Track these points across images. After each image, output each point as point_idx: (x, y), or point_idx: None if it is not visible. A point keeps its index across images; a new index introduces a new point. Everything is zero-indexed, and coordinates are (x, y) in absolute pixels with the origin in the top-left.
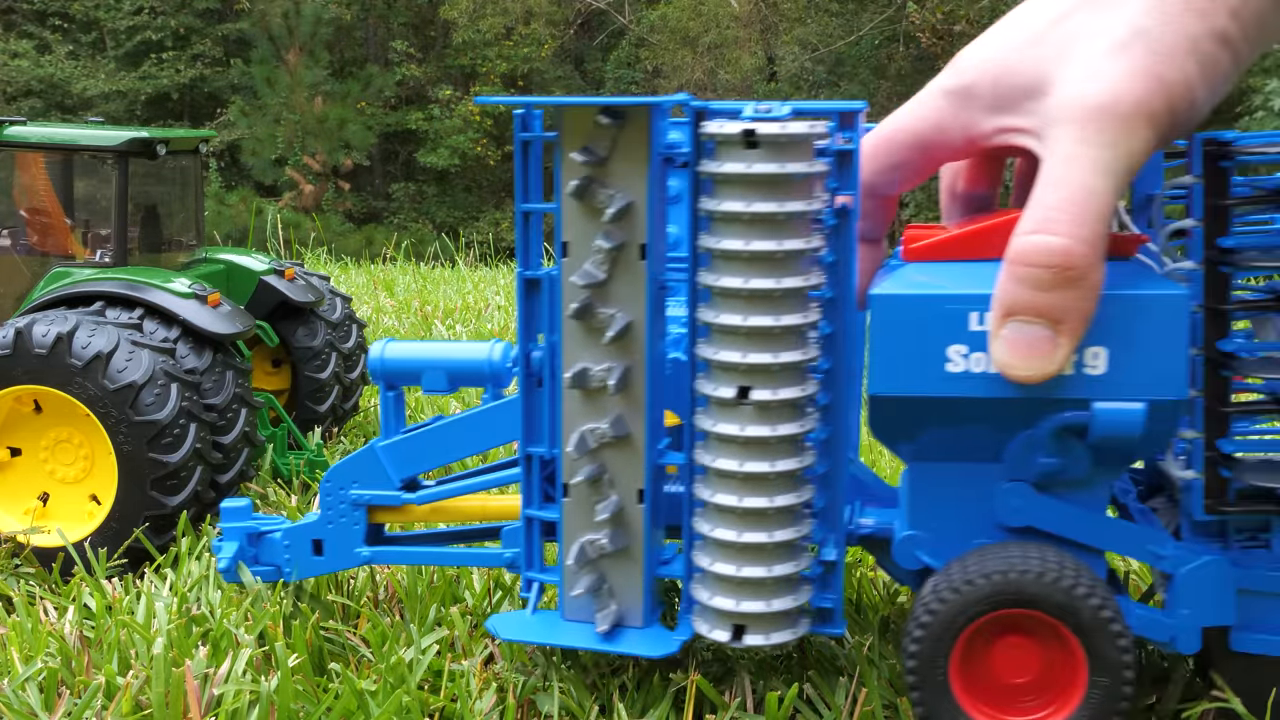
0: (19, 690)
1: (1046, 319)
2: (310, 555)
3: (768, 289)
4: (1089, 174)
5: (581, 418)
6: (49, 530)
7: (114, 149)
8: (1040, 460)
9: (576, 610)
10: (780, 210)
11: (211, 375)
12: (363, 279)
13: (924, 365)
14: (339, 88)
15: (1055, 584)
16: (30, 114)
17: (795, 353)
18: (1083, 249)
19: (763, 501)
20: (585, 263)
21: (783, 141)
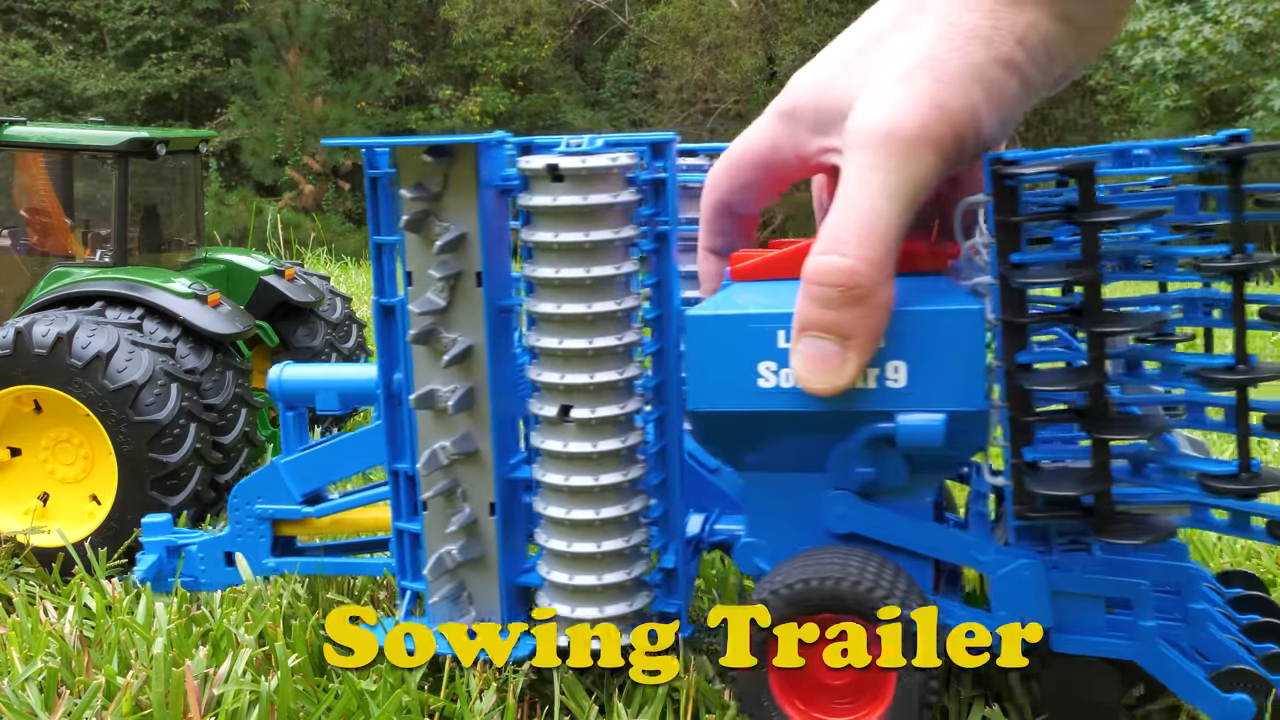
0: (19, 690)
1: (836, 335)
2: (223, 566)
3: (579, 313)
4: (874, 198)
5: (433, 436)
6: (49, 530)
7: (114, 149)
8: (858, 470)
9: (440, 616)
10: (586, 239)
11: (211, 375)
12: (363, 279)
13: (737, 381)
14: (339, 88)
15: (854, 587)
16: (30, 114)
17: (612, 372)
18: (868, 269)
19: (589, 514)
20: (426, 291)
21: (584, 174)
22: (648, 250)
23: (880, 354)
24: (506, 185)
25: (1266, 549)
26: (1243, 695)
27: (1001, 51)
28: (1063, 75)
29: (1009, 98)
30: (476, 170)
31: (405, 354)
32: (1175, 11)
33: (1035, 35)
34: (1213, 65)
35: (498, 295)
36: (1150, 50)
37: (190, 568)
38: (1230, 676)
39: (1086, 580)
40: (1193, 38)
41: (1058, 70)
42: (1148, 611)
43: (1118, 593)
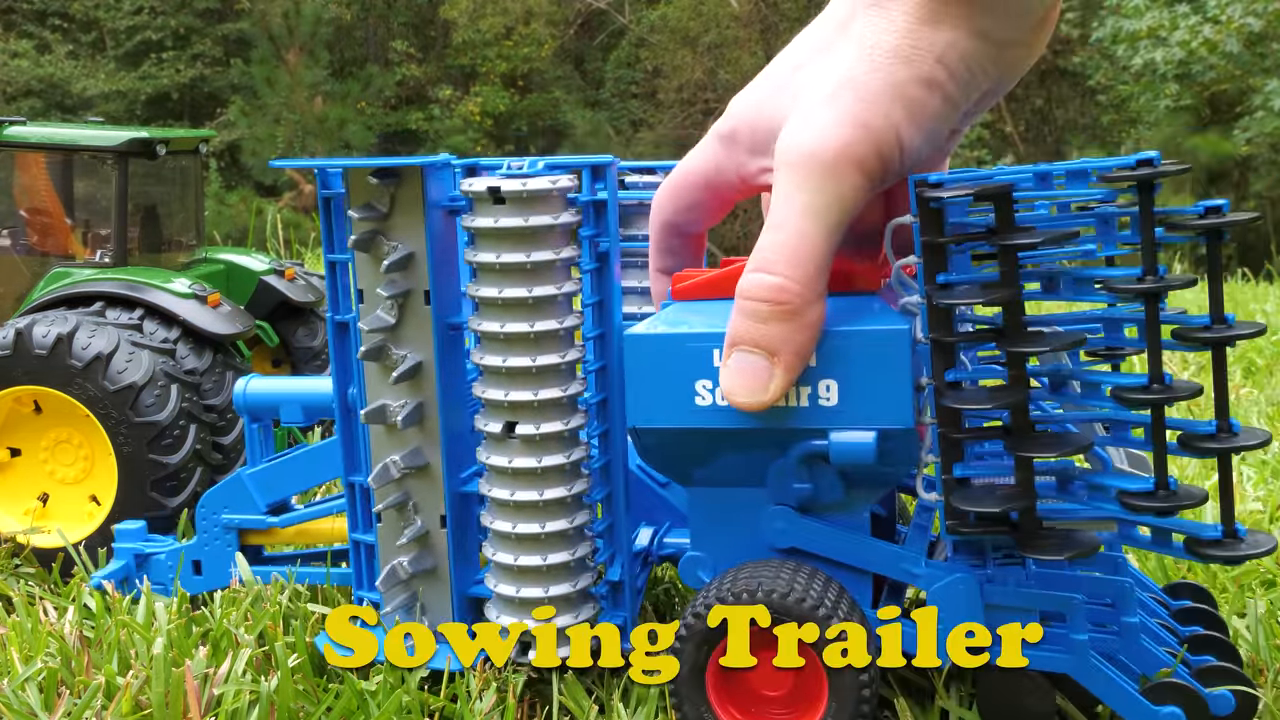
0: (19, 690)
1: (764, 350)
2: (192, 574)
3: (523, 332)
4: (800, 218)
5: (385, 449)
6: (49, 530)
7: (114, 149)
8: (795, 486)
9: (392, 625)
10: (528, 260)
11: (211, 376)
12: None
13: (674, 399)
14: (339, 88)
15: (786, 599)
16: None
17: (555, 389)
18: (796, 287)
19: (534, 527)
20: (376, 309)
21: (525, 196)
22: (589, 269)
23: (812, 373)
24: (454, 206)
25: None
26: (1174, 708)
27: (922, 70)
28: (989, 91)
29: (931, 115)
30: (423, 191)
31: (358, 369)
32: (1175, 11)
33: (954, 53)
34: (1213, 65)
35: (446, 313)
36: (1150, 50)
37: (159, 575)
38: (1161, 690)
39: (1020, 594)
40: (1193, 38)
41: (981, 86)
42: (1080, 625)
43: (1051, 606)
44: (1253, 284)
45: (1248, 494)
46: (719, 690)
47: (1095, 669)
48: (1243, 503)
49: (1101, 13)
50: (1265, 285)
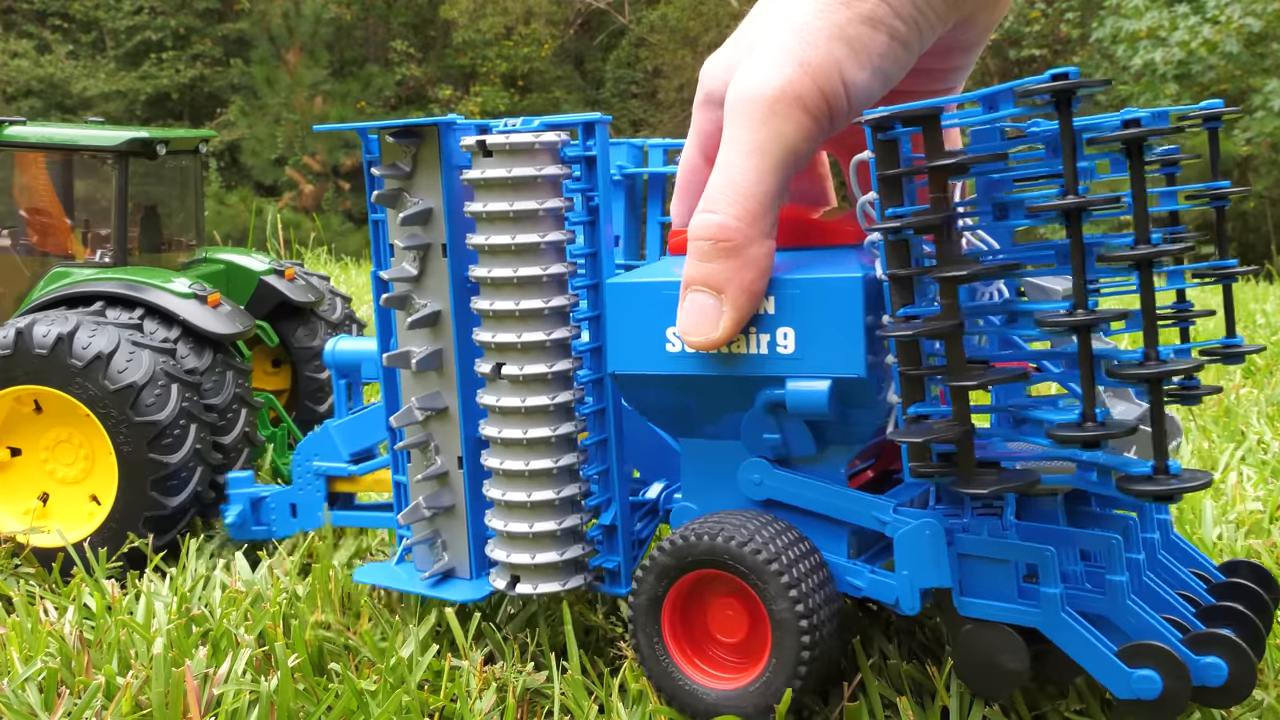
0: (19, 690)
1: (711, 288)
2: (289, 516)
3: (506, 276)
4: (741, 155)
5: (410, 393)
6: (49, 530)
7: (114, 149)
8: (766, 437)
9: (422, 562)
10: (510, 208)
11: (211, 375)
12: (363, 279)
13: (648, 346)
14: (339, 88)
15: (741, 546)
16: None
17: (539, 333)
18: (736, 224)
19: (519, 464)
20: (404, 261)
21: (508, 149)
22: (582, 222)
23: (771, 320)
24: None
25: (1266, 547)
26: (1149, 671)
27: (864, 9)
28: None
29: (878, 52)
30: (440, 151)
31: (391, 319)
32: (1175, 12)
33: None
34: (1212, 65)
35: (463, 266)
36: (1150, 50)
37: (265, 516)
38: (1138, 651)
39: (992, 544)
40: (1192, 38)
41: (935, 25)
42: (1052, 579)
43: (1022, 557)
44: (1252, 283)
45: (1247, 494)
46: (675, 626)
47: (1065, 624)
48: (1242, 502)
49: (1101, 13)
50: (1265, 285)
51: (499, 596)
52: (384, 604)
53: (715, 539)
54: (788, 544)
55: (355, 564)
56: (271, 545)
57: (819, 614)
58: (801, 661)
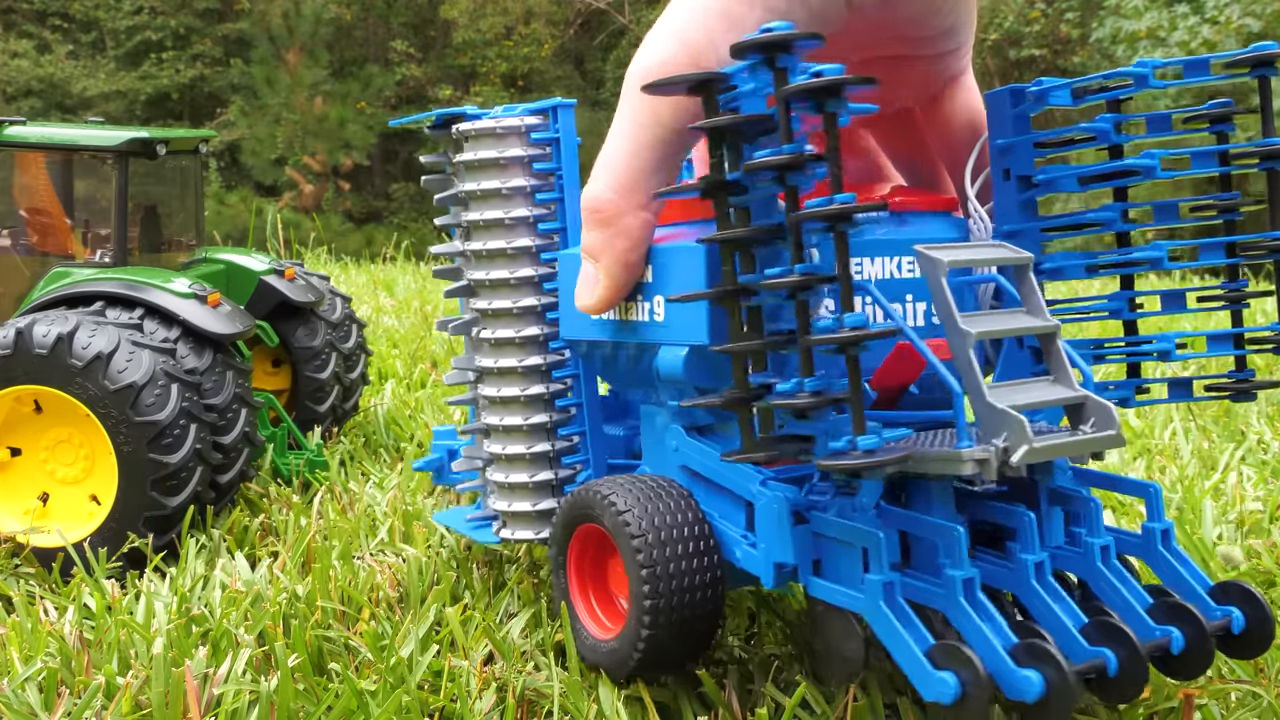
0: (19, 690)
1: (590, 256)
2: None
3: (476, 249)
4: (619, 129)
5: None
6: (49, 530)
7: (114, 149)
8: (670, 403)
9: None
10: (477, 188)
11: (211, 375)
12: (363, 279)
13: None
14: (339, 88)
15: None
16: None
17: (505, 300)
18: (609, 195)
19: (493, 419)
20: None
21: (471, 135)
22: (554, 199)
23: (649, 288)
24: None
25: (1266, 547)
26: (948, 674)
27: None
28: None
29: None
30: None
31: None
32: (1174, 12)
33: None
34: None
35: None
36: (1150, 50)
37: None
38: (943, 652)
39: (837, 525)
40: (1192, 38)
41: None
42: (880, 565)
43: (855, 539)
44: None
45: (1247, 494)
46: (580, 575)
47: (882, 615)
48: (1242, 502)
49: (1101, 13)
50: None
51: (499, 596)
52: (384, 604)
53: (595, 495)
54: (660, 507)
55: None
56: (272, 545)
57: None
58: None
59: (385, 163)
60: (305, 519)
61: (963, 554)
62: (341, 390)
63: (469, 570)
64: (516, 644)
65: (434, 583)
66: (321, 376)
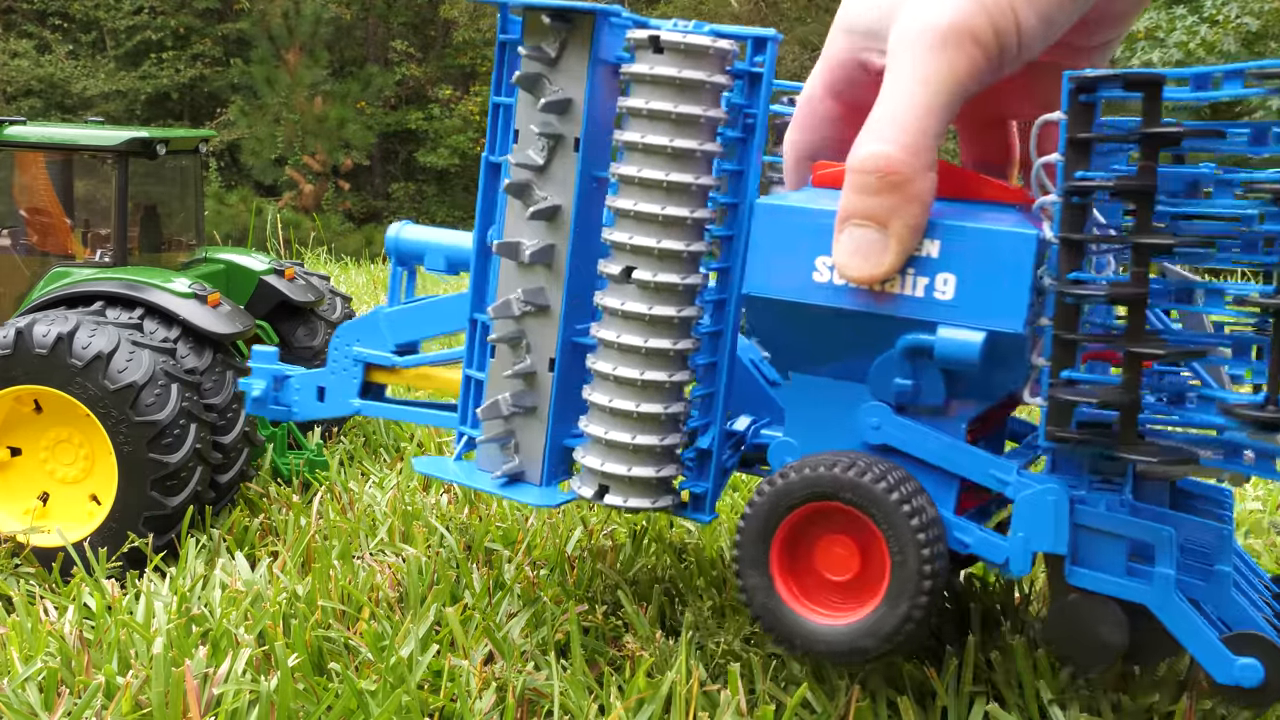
0: (19, 690)
1: (875, 222)
2: (315, 400)
3: (656, 179)
4: (912, 84)
5: (511, 285)
6: (49, 530)
7: (114, 149)
8: (896, 381)
9: (488, 461)
10: (674, 110)
11: (211, 375)
12: (363, 279)
13: (793, 271)
14: (339, 88)
15: (860, 476)
16: (30, 114)
17: (678, 242)
18: (903, 155)
19: (634, 372)
20: (529, 148)
21: (682, 48)
22: (734, 138)
23: (932, 264)
24: (619, 62)
25: (1266, 546)
26: (1253, 660)
27: None
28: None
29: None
30: (592, 40)
31: (501, 208)
32: (1173, 13)
33: None
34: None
35: (593, 165)
36: (1148, 51)
37: (287, 397)
38: (1243, 640)
39: (1111, 519)
40: (1190, 38)
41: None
42: (1167, 559)
43: (1140, 535)
44: None
45: (1248, 493)
46: (783, 563)
47: (1177, 606)
48: (1242, 502)
49: None
50: None
51: (499, 596)
52: (384, 604)
53: (834, 468)
54: (908, 484)
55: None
56: (272, 545)
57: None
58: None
59: (385, 163)
60: (305, 519)
61: (1230, 553)
62: None
63: (469, 570)
64: (516, 644)
65: (434, 583)
66: None
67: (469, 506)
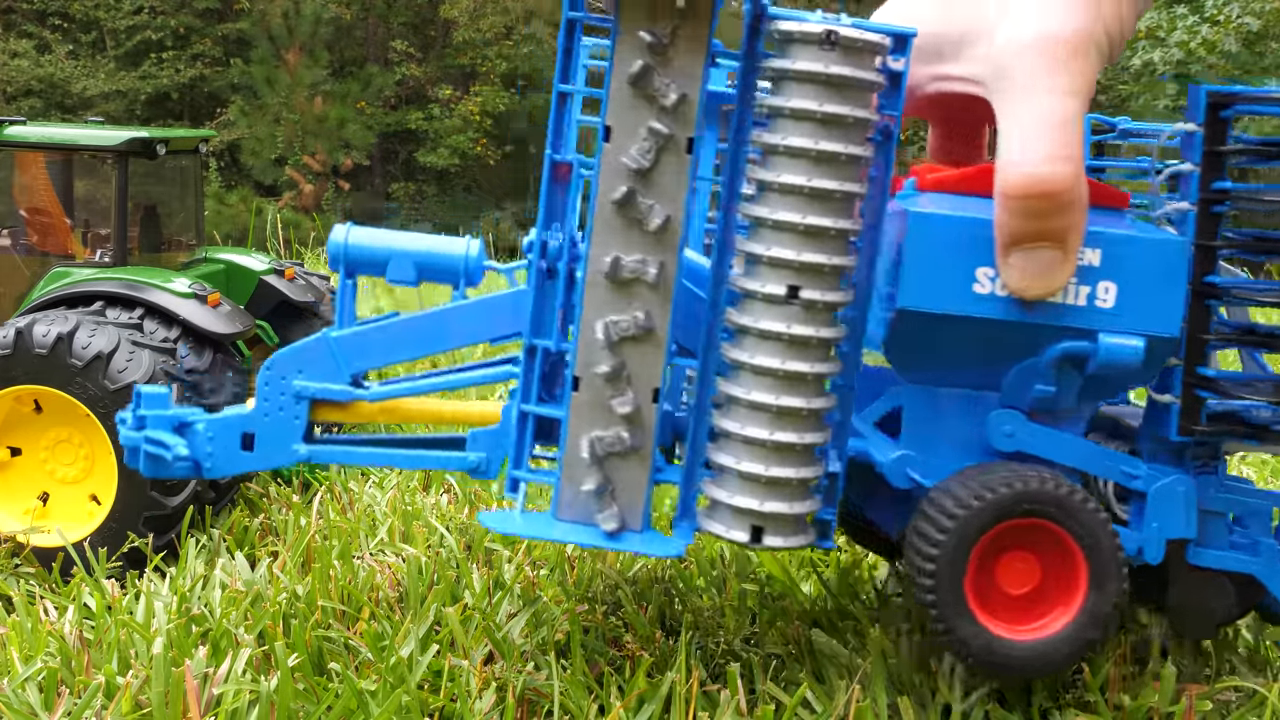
0: (19, 690)
1: (1052, 241)
2: (237, 450)
3: (829, 189)
4: (1064, 97)
5: (602, 310)
6: (49, 530)
7: (114, 149)
8: (1038, 388)
9: (574, 510)
10: (851, 114)
11: (211, 375)
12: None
13: (953, 284)
14: (339, 87)
15: (1057, 491)
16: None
17: (845, 257)
18: (1069, 170)
19: (799, 402)
20: (631, 149)
21: (859, 46)
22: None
23: (1093, 273)
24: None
25: None
26: None
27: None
28: None
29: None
30: (710, 28)
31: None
32: (1173, 13)
33: None
34: (1212, 65)
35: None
36: (1149, 50)
37: (197, 449)
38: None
39: (1218, 499)
40: (1191, 38)
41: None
42: (1266, 530)
43: (1243, 511)
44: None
45: None
46: (976, 592)
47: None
48: None
49: None
50: None
51: (499, 596)
52: (384, 604)
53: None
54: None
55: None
56: (272, 545)
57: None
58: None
59: (385, 163)
60: (305, 519)
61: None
62: None
63: (469, 570)
64: (516, 644)
65: (434, 583)
66: None
67: (469, 506)
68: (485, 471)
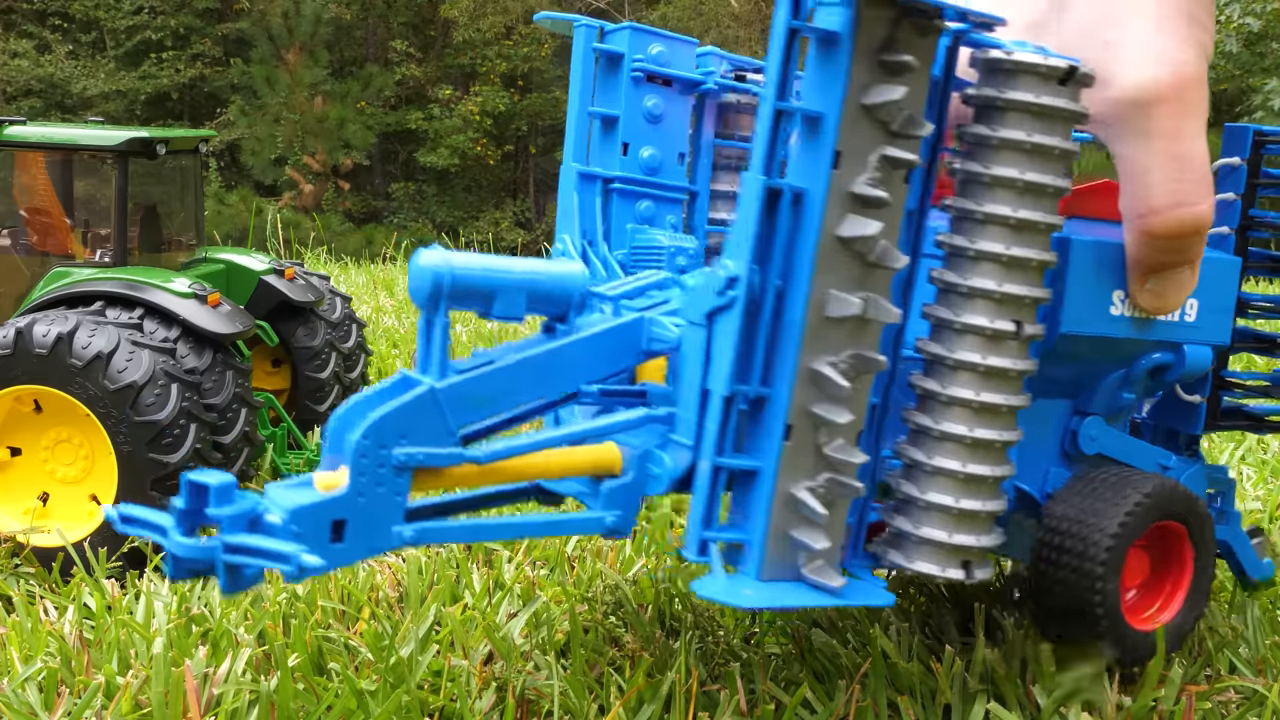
0: (19, 690)
1: (1188, 264)
2: (327, 544)
3: (1035, 220)
4: (1194, 140)
5: (813, 352)
6: (49, 530)
7: (114, 149)
8: (1124, 395)
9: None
10: (1060, 146)
11: (211, 375)
12: (363, 279)
13: (1099, 307)
14: (339, 87)
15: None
16: (30, 114)
17: (1042, 289)
18: (1209, 204)
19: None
20: (862, 179)
21: (1079, 79)
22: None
23: None
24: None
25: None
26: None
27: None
28: None
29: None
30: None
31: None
32: None
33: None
34: (1212, 65)
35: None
36: None
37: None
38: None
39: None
40: None
41: None
42: (1231, 501)
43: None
44: (1253, 282)
45: (1247, 493)
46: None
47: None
48: (1242, 501)
49: None
50: (1265, 284)
51: (499, 596)
52: (384, 603)
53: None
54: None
55: None
56: None
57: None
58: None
59: (385, 163)
60: None
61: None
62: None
63: (469, 570)
64: (516, 644)
65: (434, 583)
66: (321, 376)
67: None
68: (623, 531)
